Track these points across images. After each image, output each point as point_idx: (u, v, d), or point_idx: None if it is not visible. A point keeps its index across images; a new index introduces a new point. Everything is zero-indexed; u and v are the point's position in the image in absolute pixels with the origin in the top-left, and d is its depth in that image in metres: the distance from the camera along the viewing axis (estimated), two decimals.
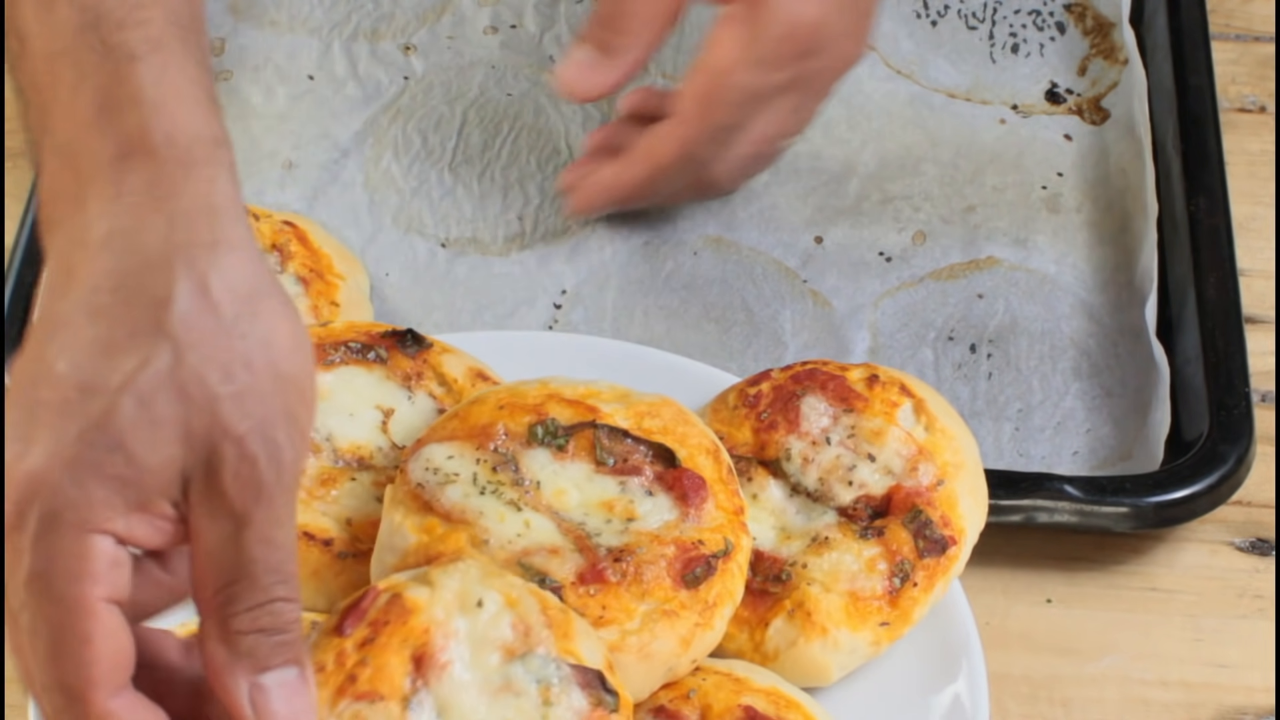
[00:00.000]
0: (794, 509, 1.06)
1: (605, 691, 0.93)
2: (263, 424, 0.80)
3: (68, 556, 0.78)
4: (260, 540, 0.81)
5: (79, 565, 0.78)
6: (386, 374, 1.11)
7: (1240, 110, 1.41)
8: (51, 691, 0.79)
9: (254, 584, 0.81)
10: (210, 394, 0.79)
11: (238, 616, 0.81)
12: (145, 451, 0.78)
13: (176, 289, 0.79)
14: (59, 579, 0.78)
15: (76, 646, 0.79)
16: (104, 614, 0.79)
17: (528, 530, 1.00)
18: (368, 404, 1.10)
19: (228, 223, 0.82)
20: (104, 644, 0.79)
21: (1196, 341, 1.23)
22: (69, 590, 0.78)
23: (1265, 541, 1.19)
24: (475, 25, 1.44)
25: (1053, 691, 1.13)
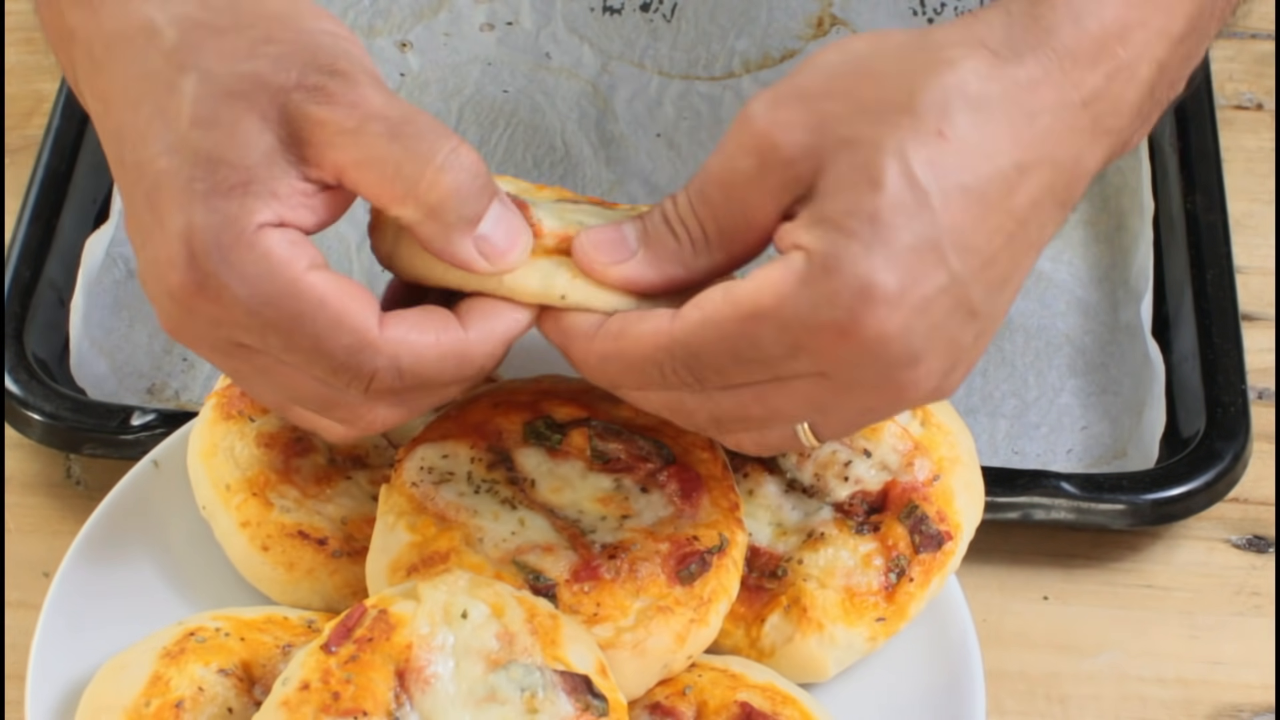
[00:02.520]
0: (790, 505, 1.06)
1: (592, 696, 0.92)
2: (306, 65, 0.87)
3: (252, 261, 0.86)
4: (386, 125, 0.87)
5: (268, 260, 0.86)
6: None
7: (1237, 107, 1.41)
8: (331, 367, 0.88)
9: (409, 155, 0.87)
10: (247, 74, 0.87)
11: (427, 193, 0.87)
12: (242, 154, 0.87)
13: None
14: (264, 284, 0.86)
15: (314, 313, 0.86)
16: (315, 280, 0.87)
17: (522, 528, 1.00)
18: None
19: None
20: (337, 297, 0.87)
21: (1194, 338, 1.23)
22: (273, 283, 0.86)
23: (1262, 538, 1.19)
24: (472, 22, 1.44)
25: (1049, 688, 1.13)
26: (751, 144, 0.87)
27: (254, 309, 0.87)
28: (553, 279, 0.91)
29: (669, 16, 1.45)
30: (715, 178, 0.89)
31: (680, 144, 1.38)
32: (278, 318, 0.87)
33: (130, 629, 1.03)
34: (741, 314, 0.86)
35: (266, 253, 0.87)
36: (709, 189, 0.89)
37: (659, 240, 0.91)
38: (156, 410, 1.17)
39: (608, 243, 0.91)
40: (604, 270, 0.91)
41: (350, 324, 0.87)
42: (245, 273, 0.86)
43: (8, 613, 1.14)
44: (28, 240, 1.26)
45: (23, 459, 1.21)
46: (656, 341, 0.88)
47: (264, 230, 0.87)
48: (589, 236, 0.91)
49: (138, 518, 1.08)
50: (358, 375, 0.89)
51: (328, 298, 0.87)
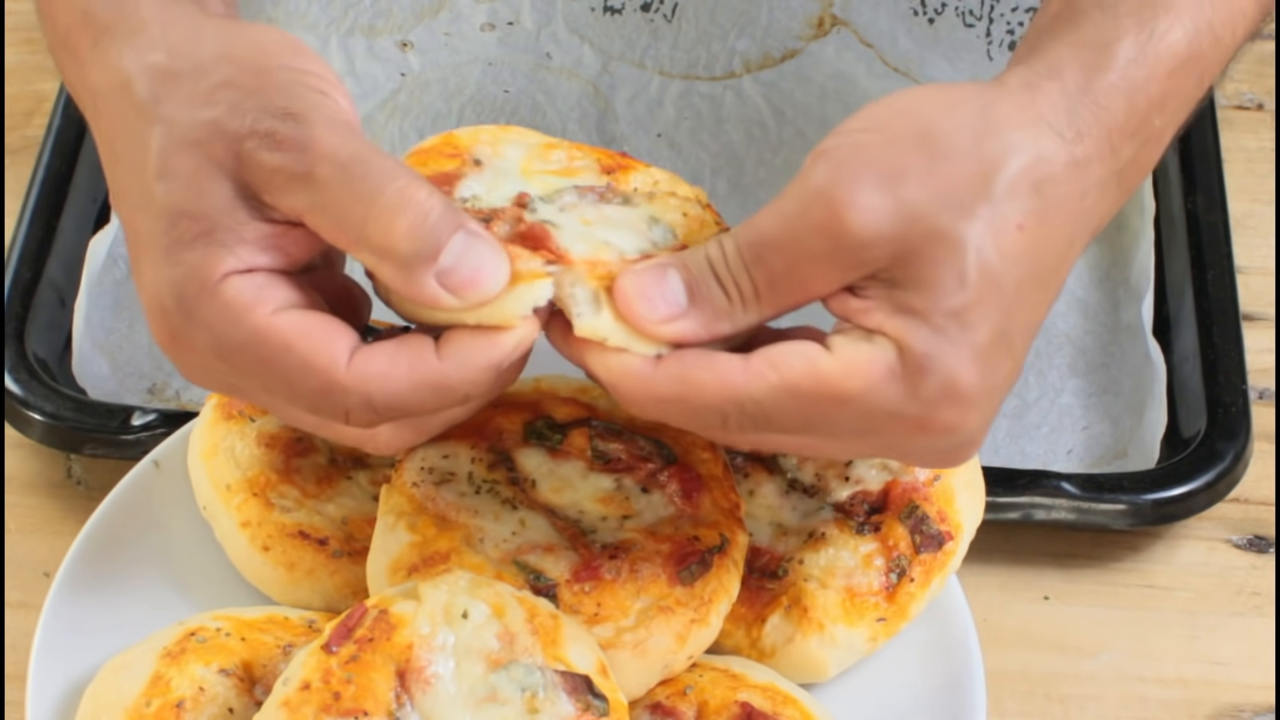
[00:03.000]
0: (790, 505, 1.06)
1: (593, 696, 0.92)
2: (260, 109, 0.87)
3: (218, 311, 0.86)
4: (335, 168, 0.86)
5: (233, 309, 0.86)
6: None
7: (1238, 108, 1.41)
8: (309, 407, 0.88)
9: (355, 195, 0.86)
10: (204, 123, 0.87)
11: (378, 239, 0.86)
12: (200, 203, 0.87)
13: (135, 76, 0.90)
14: (229, 333, 0.87)
15: (282, 356, 0.86)
16: (282, 321, 0.86)
17: (523, 529, 1.00)
18: None
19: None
20: (305, 337, 0.86)
21: (1194, 339, 1.23)
22: (239, 331, 0.86)
23: (1263, 539, 1.19)
24: (472, 22, 1.44)
25: (1050, 688, 1.13)
26: (825, 224, 0.86)
27: (224, 356, 0.88)
28: (595, 324, 0.89)
29: (670, 16, 1.45)
30: (777, 245, 0.87)
31: (681, 144, 1.38)
32: (247, 364, 0.88)
33: (131, 629, 1.03)
34: (825, 393, 0.87)
35: (229, 302, 0.87)
36: (769, 255, 0.87)
37: (708, 298, 0.89)
38: (157, 410, 1.17)
39: (655, 297, 0.88)
40: (654, 329, 0.88)
41: (316, 365, 0.87)
42: (210, 323, 0.87)
43: (8, 613, 1.14)
44: (28, 240, 1.26)
45: (23, 459, 1.21)
46: (725, 394, 0.87)
47: (228, 279, 0.87)
48: (632, 287, 0.88)
49: (138, 518, 1.08)
50: (333, 412, 0.88)
51: (292, 340, 0.87)
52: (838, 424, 0.88)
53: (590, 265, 0.90)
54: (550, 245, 0.90)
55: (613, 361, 0.89)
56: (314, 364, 0.87)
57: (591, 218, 0.93)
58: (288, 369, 0.87)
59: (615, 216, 0.93)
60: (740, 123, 1.39)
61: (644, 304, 0.88)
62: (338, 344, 0.87)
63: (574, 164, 0.96)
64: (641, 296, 0.88)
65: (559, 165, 0.97)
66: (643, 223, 0.93)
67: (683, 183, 0.98)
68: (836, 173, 0.86)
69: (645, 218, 0.93)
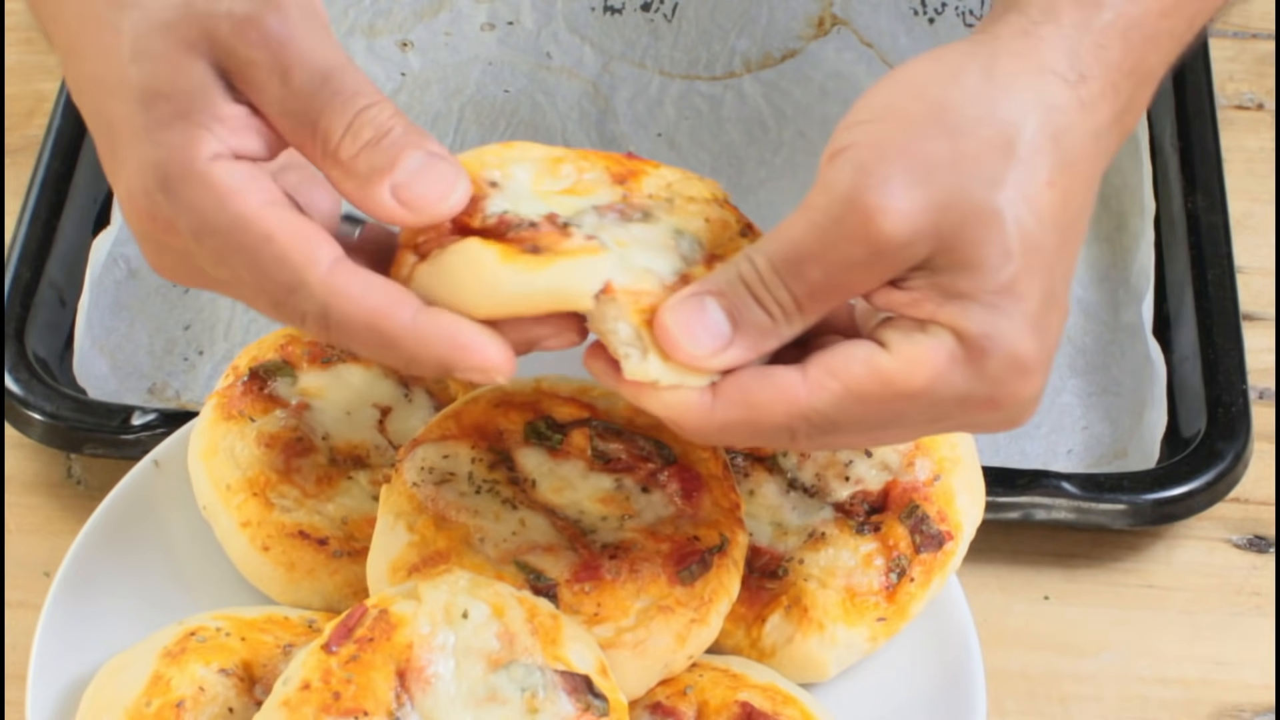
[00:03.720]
0: (790, 505, 1.06)
1: (593, 696, 0.93)
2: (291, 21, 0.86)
3: (202, 194, 0.85)
4: (309, 75, 0.86)
5: (218, 193, 0.85)
6: (384, 371, 1.11)
7: (1238, 107, 1.41)
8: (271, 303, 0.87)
9: (331, 113, 0.86)
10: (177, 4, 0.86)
11: (341, 148, 0.86)
12: (176, 83, 0.86)
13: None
14: (212, 216, 0.86)
15: (259, 248, 0.85)
16: (268, 214, 0.85)
17: (523, 528, 1.00)
18: (365, 402, 1.10)
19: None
20: (287, 234, 0.85)
21: (1194, 339, 1.23)
22: (224, 216, 0.85)
23: (1263, 539, 1.19)
24: (473, 22, 1.44)
25: (1050, 688, 1.13)
26: (861, 231, 0.85)
27: (202, 239, 0.87)
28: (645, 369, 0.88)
29: (670, 16, 1.45)
30: (813, 257, 0.86)
31: (681, 143, 1.38)
32: (224, 249, 0.87)
33: (131, 629, 1.03)
34: (891, 392, 0.87)
35: (216, 184, 0.86)
36: (806, 268, 0.86)
37: (751, 321, 0.87)
38: (157, 410, 1.17)
39: (699, 331, 0.87)
40: (704, 363, 0.87)
41: (291, 261, 0.86)
42: (193, 204, 0.86)
43: (8, 613, 1.14)
44: (28, 240, 1.26)
45: (23, 459, 1.21)
46: (790, 410, 0.87)
47: (216, 161, 0.86)
48: (675, 325, 0.87)
49: (138, 518, 1.08)
50: (292, 313, 0.88)
51: (275, 233, 0.86)
52: (907, 417, 0.88)
53: (632, 297, 0.88)
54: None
55: (670, 400, 0.88)
56: (290, 259, 0.86)
57: (623, 238, 0.91)
58: (263, 259, 0.86)
59: (643, 236, 0.91)
60: (740, 122, 1.39)
61: (690, 341, 0.87)
62: (320, 249, 0.86)
63: (584, 177, 0.95)
64: (686, 334, 0.87)
65: (569, 181, 0.95)
66: (669, 238, 0.91)
67: (694, 178, 0.96)
68: (863, 175, 0.85)
69: (670, 232, 0.92)
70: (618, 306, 0.88)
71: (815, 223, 0.86)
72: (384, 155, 0.87)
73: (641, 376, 0.88)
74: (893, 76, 0.89)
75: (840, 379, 0.87)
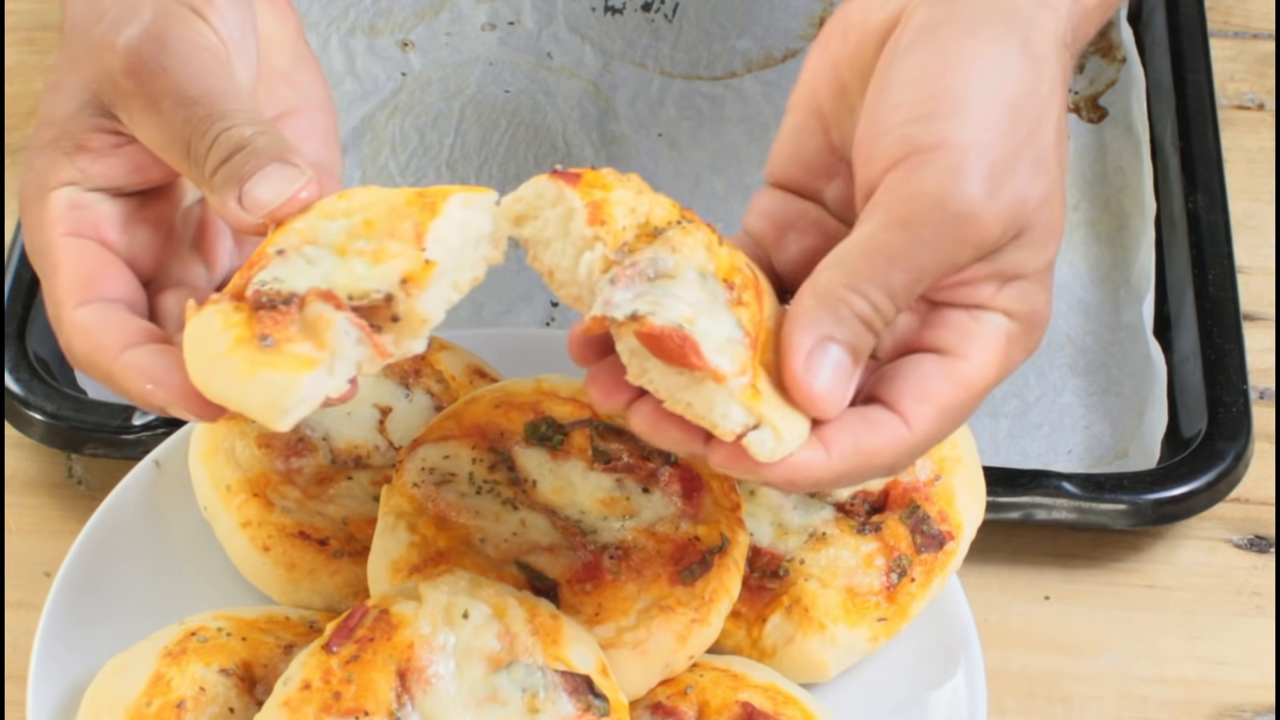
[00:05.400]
0: (791, 505, 1.06)
1: (594, 696, 0.93)
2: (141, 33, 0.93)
3: (36, 217, 0.95)
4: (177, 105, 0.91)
5: (42, 218, 0.95)
6: (385, 371, 1.11)
7: (1239, 107, 1.41)
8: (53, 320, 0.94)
9: (198, 137, 0.91)
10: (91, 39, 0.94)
11: (206, 168, 0.91)
12: (58, 110, 0.95)
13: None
14: (35, 236, 0.95)
15: (50, 276, 0.94)
16: (64, 245, 0.94)
17: (524, 529, 1.00)
18: (365, 402, 1.10)
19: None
20: (67, 268, 0.93)
21: (1195, 339, 1.23)
22: (40, 239, 0.95)
23: (1263, 539, 1.19)
24: (473, 22, 1.44)
25: (1051, 688, 1.13)
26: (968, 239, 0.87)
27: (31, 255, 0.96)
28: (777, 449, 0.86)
29: (670, 16, 1.45)
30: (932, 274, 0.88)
31: (682, 143, 1.38)
32: (39, 268, 0.95)
33: (132, 629, 1.03)
34: (974, 393, 0.91)
35: (44, 211, 0.95)
36: (918, 286, 0.88)
37: (865, 347, 0.88)
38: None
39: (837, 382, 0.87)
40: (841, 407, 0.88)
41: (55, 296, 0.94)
42: (30, 223, 0.96)
43: (9, 613, 1.14)
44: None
45: (24, 459, 1.21)
46: (898, 451, 0.89)
47: (60, 189, 0.95)
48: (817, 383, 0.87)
49: (139, 518, 1.08)
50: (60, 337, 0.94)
51: (60, 264, 0.94)
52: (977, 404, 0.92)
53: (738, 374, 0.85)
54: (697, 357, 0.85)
55: (793, 466, 0.87)
56: (55, 294, 0.94)
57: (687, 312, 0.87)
58: (50, 285, 0.94)
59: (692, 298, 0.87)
60: (741, 122, 1.39)
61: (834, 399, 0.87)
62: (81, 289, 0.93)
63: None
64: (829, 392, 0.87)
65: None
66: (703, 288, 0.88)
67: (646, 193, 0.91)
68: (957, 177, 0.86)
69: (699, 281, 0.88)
70: (726, 392, 0.85)
71: (924, 240, 0.87)
72: (239, 168, 0.91)
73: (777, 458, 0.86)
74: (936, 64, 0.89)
75: (933, 403, 0.89)
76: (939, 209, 0.86)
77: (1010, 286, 0.90)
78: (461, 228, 0.88)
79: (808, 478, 0.88)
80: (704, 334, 0.85)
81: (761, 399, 0.85)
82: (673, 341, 0.84)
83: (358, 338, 0.85)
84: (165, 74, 0.92)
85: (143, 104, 0.93)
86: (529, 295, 1.28)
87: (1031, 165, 0.88)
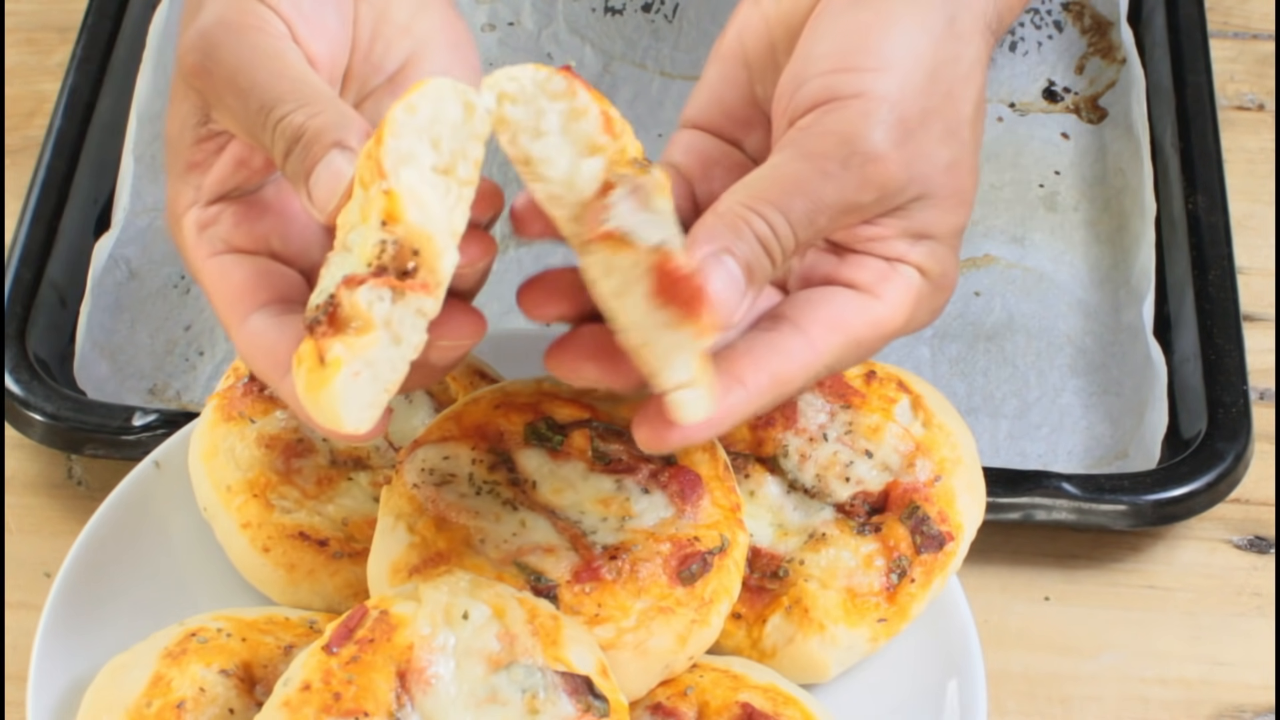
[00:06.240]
0: (791, 505, 1.06)
1: (594, 697, 0.93)
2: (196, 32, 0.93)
3: (180, 244, 0.98)
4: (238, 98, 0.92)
5: (184, 247, 0.97)
6: None
7: (1239, 108, 1.41)
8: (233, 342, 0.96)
9: (262, 130, 0.91)
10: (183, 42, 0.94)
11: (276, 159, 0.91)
12: (171, 127, 0.97)
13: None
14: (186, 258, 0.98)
15: (212, 302, 0.96)
16: (208, 270, 0.96)
17: (523, 530, 1.00)
18: None
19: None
20: (218, 292, 0.95)
21: (1195, 339, 1.23)
22: (190, 269, 0.98)
23: (1264, 539, 1.19)
24: (473, 22, 1.44)
25: (1051, 689, 1.13)
26: (875, 179, 0.91)
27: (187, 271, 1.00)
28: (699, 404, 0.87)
29: (670, 17, 1.45)
30: (831, 207, 0.90)
31: None
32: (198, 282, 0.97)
33: (132, 629, 1.03)
34: (881, 333, 0.94)
35: (183, 238, 0.97)
36: (819, 217, 0.90)
37: (763, 274, 0.90)
38: (158, 411, 1.17)
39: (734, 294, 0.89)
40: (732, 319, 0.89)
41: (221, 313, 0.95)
42: (179, 246, 0.98)
43: (9, 613, 1.14)
44: (29, 241, 1.26)
45: (24, 459, 1.21)
46: (807, 373, 0.92)
47: (188, 213, 0.96)
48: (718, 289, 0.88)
49: (139, 518, 1.08)
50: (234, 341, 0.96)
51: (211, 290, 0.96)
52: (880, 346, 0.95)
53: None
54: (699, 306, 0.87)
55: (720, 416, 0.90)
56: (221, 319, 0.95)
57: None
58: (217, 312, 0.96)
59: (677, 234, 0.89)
60: None
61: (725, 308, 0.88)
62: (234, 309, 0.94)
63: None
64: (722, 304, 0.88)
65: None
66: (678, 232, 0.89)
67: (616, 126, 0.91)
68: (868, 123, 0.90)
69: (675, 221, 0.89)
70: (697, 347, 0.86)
71: (828, 173, 0.90)
72: (301, 161, 0.90)
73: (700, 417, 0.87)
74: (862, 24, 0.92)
75: (843, 331, 0.93)
76: (844, 145, 0.90)
77: (922, 244, 0.94)
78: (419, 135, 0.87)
79: (733, 420, 0.91)
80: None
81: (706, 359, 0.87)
82: (690, 284, 0.85)
83: (390, 295, 0.85)
84: (218, 68, 0.92)
85: (214, 102, 0.93)
86: None
87: (943, 128, 0.92)
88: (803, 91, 0.92)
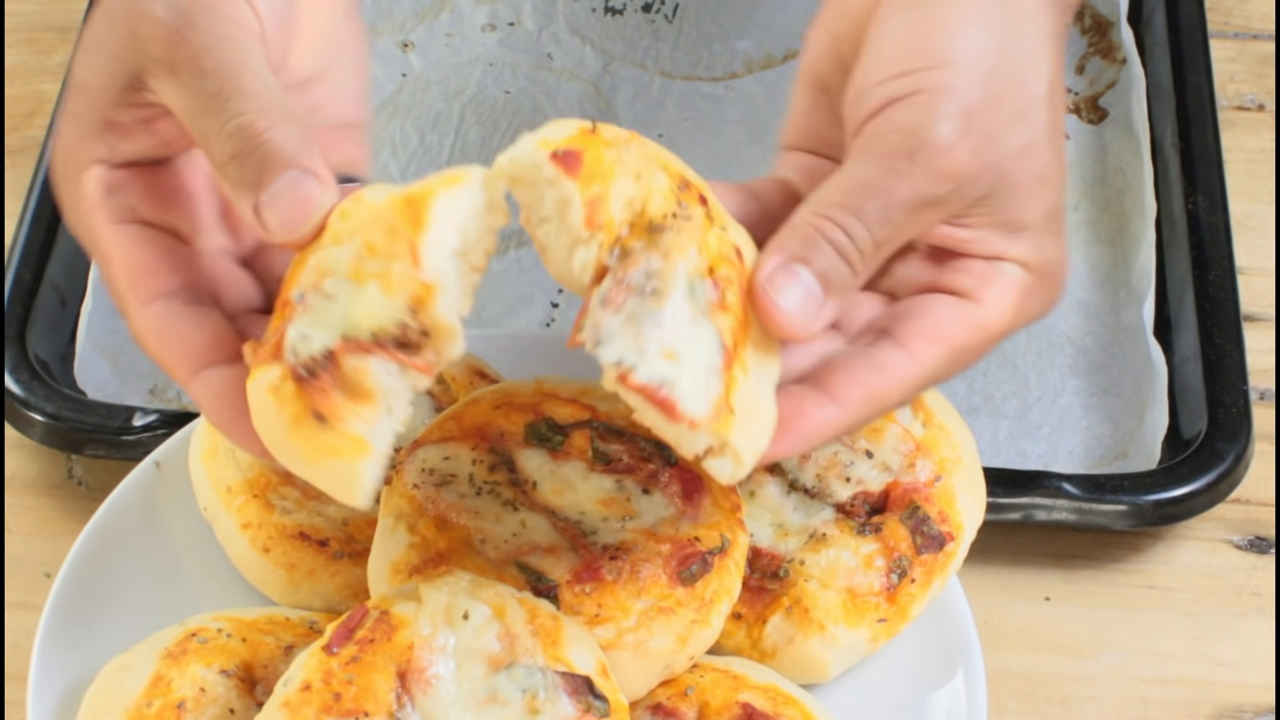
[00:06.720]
0: (791, 506, 1.06)
1: (594, 697, 0.93)
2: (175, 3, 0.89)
3: (72, 195, 0.94)
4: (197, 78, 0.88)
5: (79, 200, 0.93)
6: None
7: (1239, 108, 1.41)
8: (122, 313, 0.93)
9: (211, 116, 0.88)
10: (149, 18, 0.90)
11: (214, 153, 0.88)
12: (92, 79, 0.92)
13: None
14: (75, 216, 0.94)
15: (105, 267, 0.93)
16: (112, 235, 0.92)
17: (524, 530, 1.00)
18: None
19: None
20: (121, 262, 0.92)
21: (1195, 339, 1.23)
22: (83, 224, 0.93)
23: (1264, 539, 1.19)
24: (473, 22, 1.44)
25: (1051, 689, 1.13)
26: (946, 169, 0.89)
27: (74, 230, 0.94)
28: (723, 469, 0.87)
29: (671, 17, 1.45)
30: (905, 203, 0.89)
31: (682, 144, 1.38)
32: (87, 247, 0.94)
33: (132, 630, 1.03)
34: (987, 337, 0.92)
35: (83, 194, 0.93)
36: (895, 215, 0.89)
37: (843, 283, 0.89)
38: (158, 411, 1.17)
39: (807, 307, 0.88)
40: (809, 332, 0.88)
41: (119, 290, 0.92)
42: (67, 201, 0.94)
43: (9, 614, 1.14)
44: (29, 242, 1.26)
45: (24, 459, 1.21)
46: (906, 389, 0.91)
47: (92, 168, 0.93)
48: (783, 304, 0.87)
49: (139, 519, 1.08)
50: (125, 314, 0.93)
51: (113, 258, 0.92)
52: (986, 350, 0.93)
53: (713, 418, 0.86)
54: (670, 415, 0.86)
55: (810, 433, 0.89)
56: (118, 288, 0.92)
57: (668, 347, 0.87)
58: (107, 274, 0.93)
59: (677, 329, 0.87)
60: (741, 123, 1.39)
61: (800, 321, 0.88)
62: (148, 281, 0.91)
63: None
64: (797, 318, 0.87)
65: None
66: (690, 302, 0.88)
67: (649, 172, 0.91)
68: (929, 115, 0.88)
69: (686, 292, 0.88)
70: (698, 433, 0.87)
71: (897, 170, 0.88)
72: (251, 170, 0.88)
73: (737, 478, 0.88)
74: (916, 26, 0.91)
75: (942, 342, 0.91)
76: (909, 140, 0.88)
77: (1020, 238, 0.91)
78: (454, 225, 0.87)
79: (825, 437, 0.90)
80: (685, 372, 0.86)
81: (733, 418, 0.86)
82: (653, 396, 0.85)
83: (399, 371, 0.85)
84: (186, 43, 0.89)
85: (166, 71, 0.90)
86: (529, 296, 1.28)
87: (1013, 112, 0.90)
88: (866, 101, 0.91)
